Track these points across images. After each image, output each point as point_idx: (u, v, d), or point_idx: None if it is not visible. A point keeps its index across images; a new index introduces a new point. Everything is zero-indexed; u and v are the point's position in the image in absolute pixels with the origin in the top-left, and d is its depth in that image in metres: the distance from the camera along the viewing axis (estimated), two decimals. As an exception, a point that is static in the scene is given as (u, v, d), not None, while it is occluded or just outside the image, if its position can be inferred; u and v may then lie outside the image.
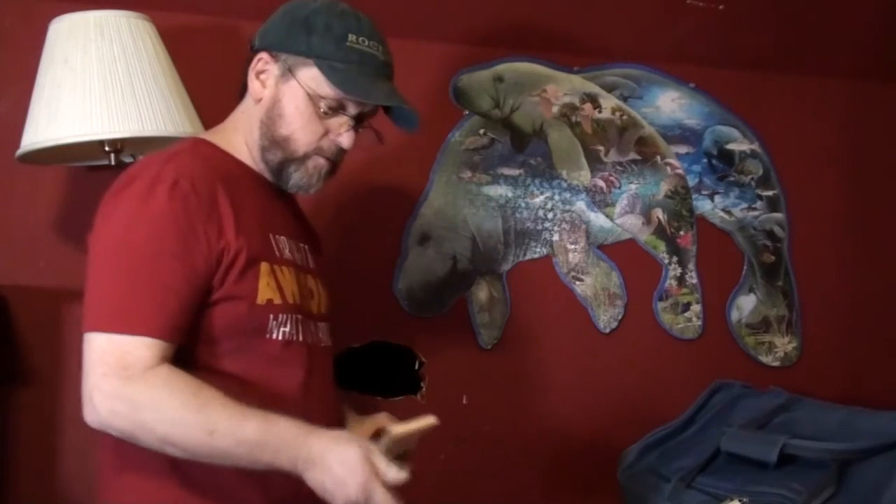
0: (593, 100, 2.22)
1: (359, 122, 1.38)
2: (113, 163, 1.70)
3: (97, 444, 1.30)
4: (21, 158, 1.65)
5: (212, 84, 1.87)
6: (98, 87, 1.58)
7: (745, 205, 2.32)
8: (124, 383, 1.16)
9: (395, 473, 1.19)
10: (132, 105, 1.59)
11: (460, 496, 2.06)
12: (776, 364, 2.31)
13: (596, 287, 2.19)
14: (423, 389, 2.04)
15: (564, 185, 2.19)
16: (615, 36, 2.21)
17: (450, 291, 2.11)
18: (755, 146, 2.33)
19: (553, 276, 2.18)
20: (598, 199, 2.21)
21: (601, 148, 2.22)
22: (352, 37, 1.33)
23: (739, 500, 1.58)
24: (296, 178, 1.37)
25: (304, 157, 1.36)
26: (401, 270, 2.08)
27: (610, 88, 2.23)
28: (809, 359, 2.33)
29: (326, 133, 1.35)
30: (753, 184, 2.33)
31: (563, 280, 2.18)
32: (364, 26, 1.35)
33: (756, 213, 2.33)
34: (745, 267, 2.32)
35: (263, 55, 1.36)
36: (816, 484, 1.53)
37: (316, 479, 1.18)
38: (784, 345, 2.33)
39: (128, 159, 1.75)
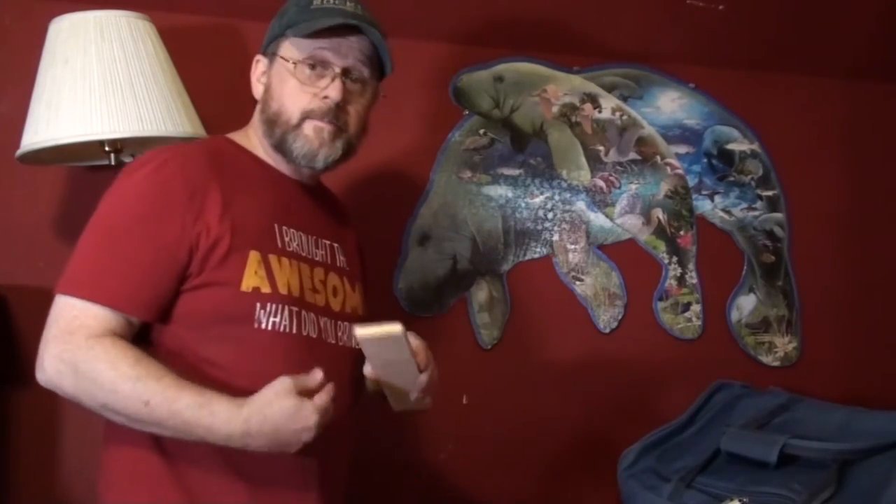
0: (593, 100, 2.22)
1: (347, 75, 1.38)
2: (113, 163, 1.70)
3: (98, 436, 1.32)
4: (21, 158, 1.65)
5: (212, 84, 1.88)
6: (98, 87, 1.58)
7: (745, 205, 2.32)
8: (67, 348, 1.20)
9: (313, 377, 1.22)
10: (132, 105, 1.59)
11: (460, 496, 2.06)
12: (776, 364, 2.31)
13: (596, 287, 2.19)
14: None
15: (564, 185, 2.19)
16: (615, 36, 2.21)
17: (450, 291, 2.11)
18: (755, 146, 2.33)
19: (553, 276, 2.18)
20: (598, 199, 2.21)
21: (601, 148, 2.22)
22: (316, 1, 1.38)
23: (739, 500, 1.58)
24: (297, 147, 1.38)
25: (300, 125, 1.37)
26: (401, 270, 2.08)
27: (610, 88, 2.23)
28: (809, 359, 2.33)
29: (316, 95, 1.37)
30: (753, 184, 2.33)
31: (563, 280, 2.18)
32: None
33: (756, 213, 2.33)
34: (745, 267, 2.32)
35: (258, 57, 1.44)
36: (816, 484, 1.53)
37: (262, 446, 1.20)
38: (784, 345, 2.33)
39: (127, 159, 1.75)
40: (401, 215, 2.09)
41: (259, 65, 1.44)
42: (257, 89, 1.44)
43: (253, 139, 1.43)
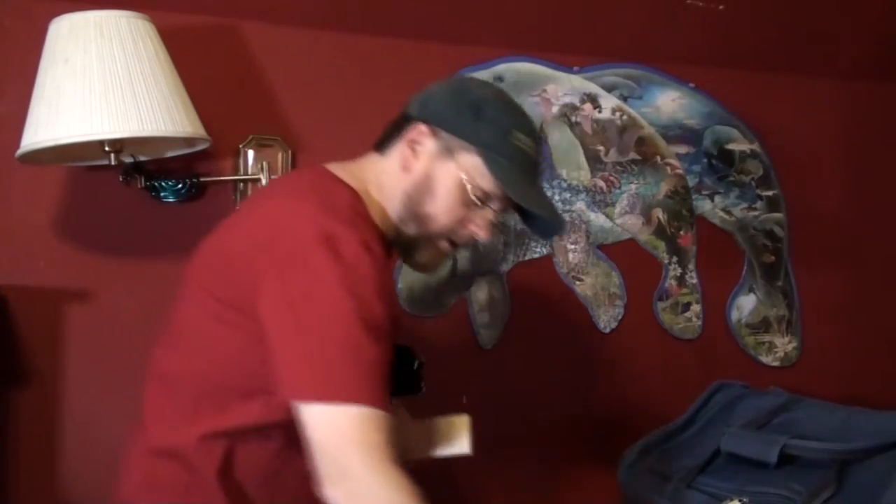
0: (593, 100, 2.22)
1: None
2: (113, 163, 1.70)
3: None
4: (21, 158, 1.65)
5: (212, 84, 1.88)
6: (98, 87, 1.57)
7: (745, 205, 2.32)
8: (390, 466, 1.12)
9: None
10: (132, 105, 1.59)
11: (461, 496, 2.06)
12: (776, 364, 2.31)
13: (596, 287, 2.19)
14: (423, 389, 2.03)
15: (564, 185, 2.19)
16: (615, 36, 2.21)
17: (450, 291, 2.11)
18: (755, 146, 2.33)
19: (553, 276, 2.18)
20: (598, 199, 2.21)
21: (601, 148, 2.22)
22: (517, 133, 1.29)
23: (739, 500, 1.58)
24: (421, 255, 1.35)
25: (437, 238, 1.33)
26: (401, 270, 2.08)
27: (610, 88, 2.23)
28: (809, 359, 2.33)
29: (465, 220, 1.32)
30: (753, 184, 2.33)
31: (563, 280, 2.18)
32: (527, 122, 1.33)
33: (756, 213, 2.33)
34: (745, 267, 2.32)
35: (423, 128, 1.31)
36: (816, 484, 1.53)
37: None
38: (784, 345, 2.33)
39: (128, 159, 1.76)
40: (401, 215, 2.09)
41: (423, 140, 1.30)
42: (406, 158, 1.31)
43: (372, 198, 1.31)
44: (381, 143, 1.36)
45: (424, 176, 1.30)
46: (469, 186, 1.29)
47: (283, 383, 1.16)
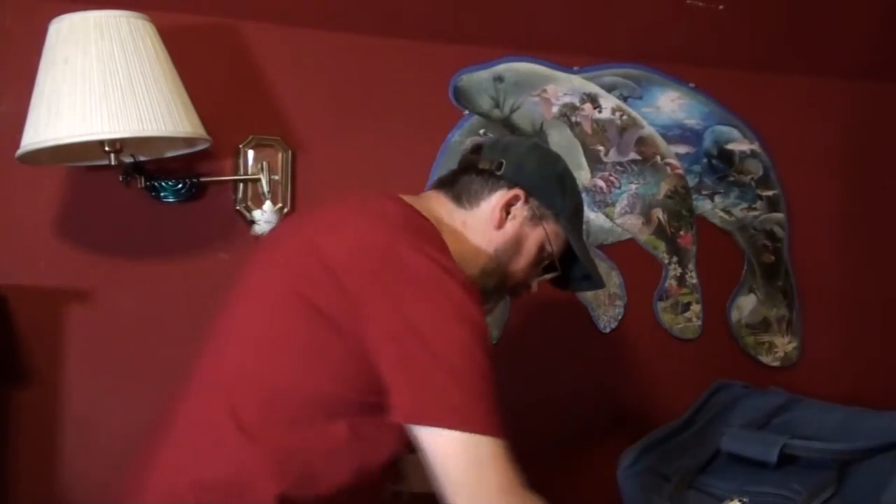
0: (593, 100, 2.22)
1: None
2: (113, 163, 1.70)
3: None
4: (21, 158, 1.65)
5: (212, 84, 1.88)
6: (98, 87, 1.57)
7: (745, 205, 2.32)
8: (526, 497, 1.24)
9: None
10: (132, 105, 1.59)
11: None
12: (776, 364, 2.31)
13: (596, 287, 2.19)
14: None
15: (564, 185, 2.19)
16: (615, 36, 2.21)
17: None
18: (755, 146, 2.33)
19: (553, 276, 2.18)
20: (598, 199, 2.21)
21: (601, 148, 2.22)
22: (582, 206, 1.53)
23: (739, 500, 1.58)
24: (488, 306, 1.45)
25: (505, 291, 1.49)
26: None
27: (610, 88, 2.23)
28: (809, 359, 2.33)
29: (530, 277, 1.48)
30: (753, 184, 2.33)
31: (563, 280, 2.18)
32: (582, 196, 1.54)
33: (756, 213, 2.33)
34: (745, 267, 2.32)
35: (521, 193, 1.43)
36: (816, 484, 1.53)
37: None
38: (784, 345, 2.33)
39: (128, 159, 1.76)
40: (401, 215, 2.09)
41: (519, 205, 1.43)
42: (500, 219, 1.42)
43: (453, 244, 1.31)
44: (460, 193, 1.44)
45: (516, 238, 1.43)
46: (546, 248, 1.45)
47: (411, 405, 1.16)
